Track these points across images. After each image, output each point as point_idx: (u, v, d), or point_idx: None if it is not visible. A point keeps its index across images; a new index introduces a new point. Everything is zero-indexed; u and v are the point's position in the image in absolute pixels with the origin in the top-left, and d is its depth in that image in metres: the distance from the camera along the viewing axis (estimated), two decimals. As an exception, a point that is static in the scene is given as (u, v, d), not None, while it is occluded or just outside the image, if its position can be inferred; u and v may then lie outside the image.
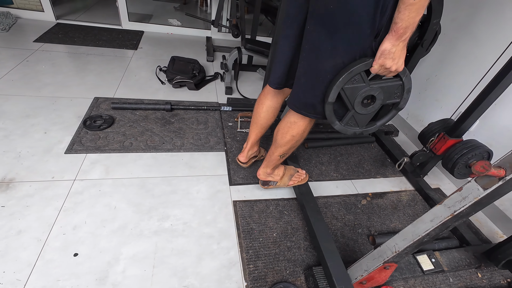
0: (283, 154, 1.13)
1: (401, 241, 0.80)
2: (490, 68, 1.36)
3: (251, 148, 1.34)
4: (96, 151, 1.36)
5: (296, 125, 1.00)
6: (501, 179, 0.59)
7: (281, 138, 1.06)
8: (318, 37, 0.78)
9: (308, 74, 0.87)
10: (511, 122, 1.33)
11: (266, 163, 1.22)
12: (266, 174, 1.26)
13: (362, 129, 0.93)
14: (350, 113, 0.87)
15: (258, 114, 1.20)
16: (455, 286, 1.10)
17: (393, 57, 0.72)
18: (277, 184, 1.29)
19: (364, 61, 0.75)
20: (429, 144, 1.41)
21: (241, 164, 1.38)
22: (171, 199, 1.19)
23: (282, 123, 1.05)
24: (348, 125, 0.91)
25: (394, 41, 0.69)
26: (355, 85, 0.80)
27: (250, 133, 1.29)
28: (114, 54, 2.29)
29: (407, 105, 1.97)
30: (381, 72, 0.76)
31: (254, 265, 1.03)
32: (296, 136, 1.03)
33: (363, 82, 0.79)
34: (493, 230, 1.38)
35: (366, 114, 0.88)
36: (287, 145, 1.07)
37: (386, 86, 0.82)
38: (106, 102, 1.71)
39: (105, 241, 0.99)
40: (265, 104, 1.17)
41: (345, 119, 0.89)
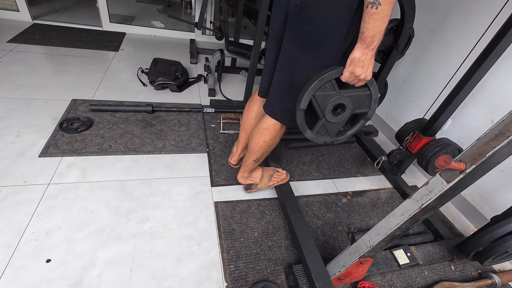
0: (257, 159, 1.18)
1: (375, 235, 0.83)
2: (457, 69, 1.43)
3: (242, 152, 1.37)
4: (73, 154, 1.32)
5: (268, 131, 1.06)
6: (462, 172, 0.63)
7: (254, 144, 1.11)
8: (294, 52, 0.85)
9: (282, 85, 0.93)
10: (479, 122, 1.41)
11: (243, 168, 1.27)
12: (244, 178, 1.30)
13: (332, 138, 0.94)
14: (321, 122, 0.88)
15: (247, 120, 1.24)
16: (430, 279, 1.14)
17: (362, 65, 0.75)
18: (258, 187, 1.31)
19: (334, 69, 0.78)
20: (405, 143, 1.47)
21: (233, 166, 1.42)
22: (151, 201, 1.17)
23: (255, 129, 1.11)
24: (319, 134, 0.91)
25: (363, 49, 0.72)
26: (326, 93, 0.81)
27: (240, 138, 1.33)
28: (94, 55, 2.24)
29: (386, 107, 2.04)
30: (350, 80, 0.79)
31: (235, 265, 1.03)
32: (268, 141, 1.08)
33: (334, 90, 0.81)
34: (466, 224, 1.45)
35: (336, 123, 0.89)
36: (260, 150, 1.12)
37: (355, 95, 0.85)
38: (85, 104, 1.67)
39: (81, 246, 0.96)
40: (254, 110, 1.21)
41: (316, 127, 0.90)
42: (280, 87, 0.95)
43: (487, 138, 0.59)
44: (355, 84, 0.81)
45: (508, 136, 0.56)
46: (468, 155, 0.62)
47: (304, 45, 0.82)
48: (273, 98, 1.00)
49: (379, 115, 2.11)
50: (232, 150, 1.44)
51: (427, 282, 1.13)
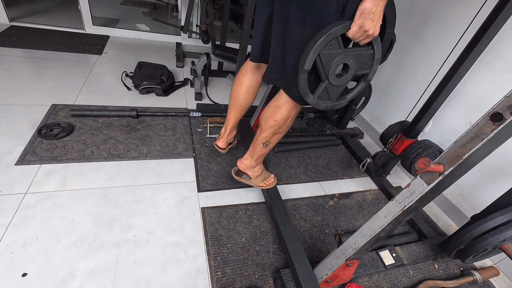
0: (266, 142, 1.08)
1: (360, 238, 0.84)
2: (436, 73, 1.48)
3: (231, 132, 1.30)
4: (52, 161, 1.27)
5: (280, 110, 0.98)
6: (441, 174, 0.64)
7: (265, 122, 1.04)
8: (288, 9, 0.78)
9: (280, 46, 0.88)
10: (458, 124, 1.46)
11: (250, 152, 1.16)
12: (249, 166, 1.19)
13: (333, 103, 0.91)
14: (324, 85, 0.83)
15: (237, 95, 1.17)
16: (415, 278, 1.16)
17: (372, 18, 0.70)
18: (250, 180, 1.24)
19: (341, 23, 0.72)
20: (389, 145, 1.50)
21: (219, 150, 1.34)
22: (135, 208, 1.14)
23: (267, 107, 1.04)
24: (320, 98, 0.87)
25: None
26: (331, 51, 0.76)
27: (229, 116, 1.24)
28: (76, 59, 2.18)
29: (370, 109, 2.09)
30: (358, 36, 0.74)
31: (222, 272, 1.01)
32: (279, 121, 1.00)
33: (339, 49, 0.76)
34: (448, 223, 1.49)
35: (338, 85, 0.85)
36: (270, 130, 1.03)
37: (359, 55, 0.80)
38: (65, 109, 1.61)
39: (60, 257, 0.92)
40: (244, 84, 1.15)
41: (317, 91, 0.85)
42: (277, 49, 0.89)
43: (463, 140, 0.61)
44: (361, 42, 0.76)
45: (482, 139, 0.58)
46: (446, 157, 0.64)
47: (300, 2, 0.75)
48: (271, 62, 0.94)
49: (364, 117, 2.16)
50: (220, 132, 1.33)
51: (412, 281, 1.15)
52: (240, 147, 1.64)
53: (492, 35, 1.08)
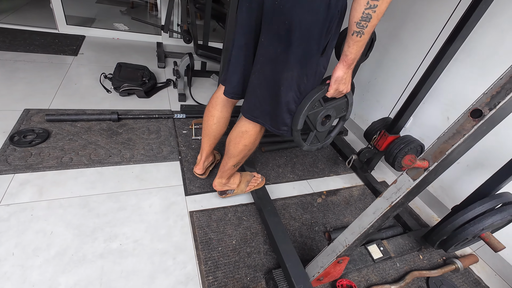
0: (237, 164, 1.14)
1: (350, 235, 0.85)
2: (416, 71, 1.54)
3: (206, 159, 1.33)
4: (27, 170, 1.19)
5: (248, 134, 1.03)
6: (426, 169, 0.66)
7: (233, 148, 1.07)
8: (275, 51, 0.83)
9: (263, 86, 0.90)
10: (436, 119, 1.52)
11: (221, 173, 1.21)
12: (222, 185, 1.25)
13: (322, 143, 1.08)
14: (313, 134, 1.00)
15: (209, 126, 1.19)
16: (402, 270, 1.20)
17: (344, 82, 0.85)
18: (234, 192, 1.29)
19: (321, 89, 0.87)
20: (373, 141, 1.54)
21: (199, 176, 1.36)
22: (119, 217, 1.09)
23: (233, 133, 1.06)
24: (312, 144, 1.04)
25: (345, 69, 0.81)
26: (316, 110, 0.92)
27: (203, 145, 1.27)
28: (50, 60, 2.06)
29: (354, 107, 2.13)
30: (334, 95, 0.89)
31: (214, 277, 1.00)
32: (249, 145, 1.05)
33: (321, 106, 0.92)
34: (430, 215, 1.55)
35: (324, 130, 1.02)
36: (240, 154, 1.08)
37: (337, 105, 0.97)
38: (40, 114, 1.52)
39: (38, 273, 0.87)
40: (215, 116, 1.16)
41: (309, 139, 1.02)
42: (260, 88, 0.91)
43: (446, 137, 0.63)
44: (336, 97, 0.91)
45: (463, 135, 0.60)
46: (430, 153, 0.66)
47: (286, 43, 0.79)
48: (252, 101, 0.95)
49: (348, 115, 2.20)
50: (197, 159, 1.36)
51: (399, 273, 1.18)
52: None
53: (466, 34, 1.13)
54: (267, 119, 0.96)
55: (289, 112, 0.92)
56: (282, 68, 0.84)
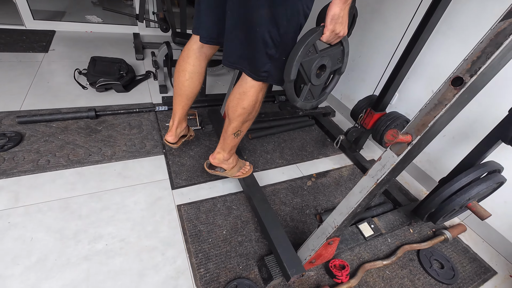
0: (237, 132, 1.03)
1: (338, 215, 0.84)
2: (397, 45, 1.51)
3: (179, 125, 1.18)
4: (1, 176, 1.13)
5: (246, 95, 0.93)
6: (409, 144, 0.64)
7: (232, 112, 0.97)
8: None
9: (238, 27, 0.83)
10: (421, 93, 1.51)
11: (222, 145, 1.10)
12: (222, 159, 1.13)
13: (317, 100, 0.99)
14: (307, 87, 0.91)
15: (180, 83, 1.06)
16: (393, 245, 1.22)
17: (341, 22, 0.75)
18: (224, 172, 1.19)
19: (315, 31, 0.78)
20: (360, 120, 1.53)
21: (170, 145, 1.21)
22: (103, 217, 1.05)
23: (231, 96, 0.97)
24: (306, 100, 0.95)
25: (342, 4, 0.72)
26: (310, 58, 0.83)
27: (175, 107, 1.13)
28: (18, 59, 1.94)
29: (340, 87, 2.10)
30: (330, 39, 0.80)
31: (205, 268, 0.98)
32: (248, 108, 0.95)
33: (316, 53, 0.83)
34: (419, 189, 1.57)
35: (319, 84, 0.93)
36: (239, 118, 0.98)
37: (333, 53, 0.88)
38: (10, 117, 1.44)
39: (19, 281, 0.83)
40: (187, 70, 1.04)
41: (303, 94, 0.92)
42: (235, 30, 0.83)
43: (427, 108, 0.61)
44: (332, 42, 0.82)
45: (445, 105, 0.58)
46: (413, 127, 0.64)
47: None
48: (229, 45, 0.87)
49: (334, 95, 2.17)
50: (168, 124, 1.22)
51: (390, 248, 1.20)
52: (213, 138, 1.58)
53: (445, 4, 1.10)
54: (245, 64, 0.88)
55: (268, 57, 0.83)
56: (257, 5, 0.75)
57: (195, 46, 1.04)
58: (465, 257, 1.23)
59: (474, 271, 1.18)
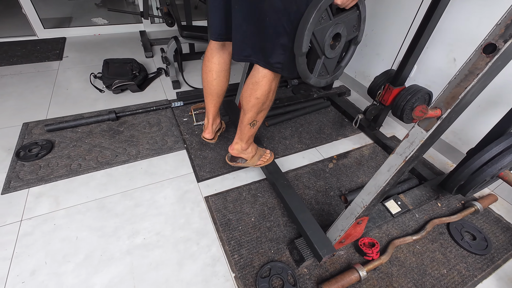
0: (253, 122, 1.04)
1: (366, 195, 0.84)
2: (415, 14, 1.43)
3: (214, 121, 1.25)
4: (40, 182, 1.21)
5: (259, 85, 0.93)
6: (439, 118, 0.63)
7: (246, 103, 0.99)
8: None
9: (248, 19, 0.81)
10: (441, 62, 1.44)
11: (239, 136, 1.12)
12: (241, 150, 1.16)
13: (331, 76, 0.90)
14: (321, 61, 0.82)
15: (209, 83, 1.11)
16: (421, 220, 1.21)
17: None
18: (246, 163, 1.22)
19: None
20: (378, 97, 1.49)
21: (208, 141, 1.31)
22: (137, 213, 1.11)
23: (245, 86, 0.98)
24: (320, 76, 0.86)
25: None
26: (323, 25, 0.73)
27: (207, 106, 1.19)
28: (36, 69, 2.01)
29: (353, 64, 2.04)
30: (346, 2, 0.72)
31: (239, 254, 1.03)
32: (261, 97, 0.95)
33: (330, 20, 0.74)
34: (444, 162, 1.53)
35: (334, 57, 0.84)
36: (253, 109, 0.99)
37: (348, 19, 0.78)
38: (39, 126, 1.51)
39: (73, 277, 0.91)
40: (213, 70, 1.08)
41: (316, 70, 0.83)
42: (245, 23, 0.82)
43: (457, 80, 0.59)
44: (347, 6, 0.74)
45: (477, 74, 0.56)
46: (442, 100, 0.62)
47: None
48: (240, 38, 0.87)
49: (348, 74, 2.12)
50: (204, 123, 1.30)
51: (419, 223, 1.19)
52: (231, 129, 1.60)
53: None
54: (259, 55, 0.86)
55: (281, 47, 0.81)
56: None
57: (216, 45, 1.05)
58: (498, 227, 1.21)
59: (509, 240, 1.16)
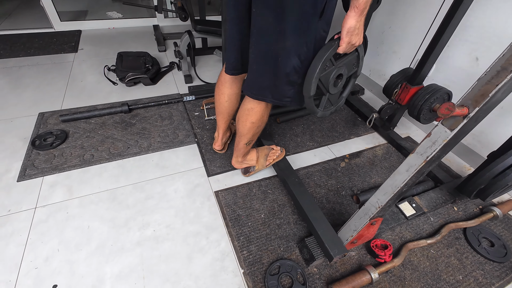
0: (249, 142, 1.12)
1: (382, 195, 0.82)
2: (438, 11, 1.38)
3: (224, 135, 1.34)
4: (54, 171, 1.23)
5: (254, 111, 0.99)
6: (465, 117, 0.60)
7: (242, 127, 1.05)
8: (266, 21, 0.76)
9: (259, 60, 0.86)
10: (462, 61, 1.38)
11: (236, 152, 1.21)
12: (239, 163, 1.25)
13: (335, 106, 1.01)
14: (325, 97, 0.93)
15: (221, 104, 1.17)
16: (436, 224, 1.17)
17: (357, 33, 0.75)
18: (256, 169, 1.28)
19: (331, 45, 0.77)
20: (394, 96, 1.44)
21: (218, 151, 1.38)
22: (148, 205, 1.12)
23: (240, 111, 1.04)
24: (325, 109, 0.97)
25: (357, 17, 0.71)
26: (328, 71, 0.83)
27: (218, 122, 1.27)
28: (52, 61, 2.05)
29: (368, 62, 1.99)
30: (346, 50, 0.79)
31: (248, 251, 1.02)
32: (256, 122, 1.02)
33: (333, 65, 0.83)
34: (461, 165, 1.48)
35: (337, 92, 0.94)
36: (249, 132, 1.06)
37: (348, 61, 0.88)
38: (54, 116, 1.54)
39: (84, 265, 0.92)
40: (225, 93, 1.13)
41: (322, 104, 0.94)
42: (256, 63, 0.87)
43: (488, 76, 0.56)
44: (348, 52, 0.81)
45: (511, 71, 0.52)
46: (470, 98, 0.59)
47: (277, 11, 0.73)
48: (251, 77, 0.92)
49: (362, 72, 2.07)
50: (214, 136, 1.39)
51: (434, 227, 1.16)
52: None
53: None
54: (267, 93, 0.92)
55: (290, 84, 0.87)
56: (277, 38, 0.78)
57: None
58: (518, 234, 1.16)
59: (529, 248, 1.11)
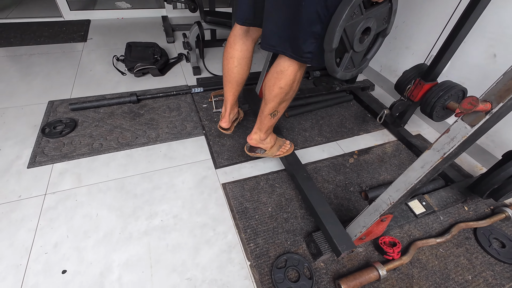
0: (274, 112, 1.00)
1: (394, 192, 0.80)
2: (456, 7, 1.33)
3: (232, 111, 1.22)
4: (63, 159, 1.24)
5: (284, 75, 0.89)
6: (488, 113, 0.57)
7: (268, 92, 0.95)
8: None
9: (280, 6, 0.78)
10: (479, 58, 1.34)
11: (258, 126, 1.09)
12: (259, 140, 1.13)
13: (357, 68, 0.88)
14: (348, 55, 0.80)
15: (229, 70, 1.06)
16: (446, 223, 1.15)
17: None
18: (265, 153, 1.19)
19: None
20: (407, 92, 1.41)
21: (224, 132, 1.27)
22: (155, 195, 1.12)
23: (268, 75, 0.93)
24: (346, 69, 0.85)
25: None
26: (354, 21, 0.71)
27: (226, 94, 1.15)
28: (61, 50, 2.05)
29: (379, 58, 1.95)
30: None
31: (255, 243, 1.02)
32: (285, 87, 0.91)
33: (361, 15, 0.72)
34: (473, 164, 1.45)
35: (362, 50, 0.82)
36: (275, 99, 0.95)
37: (379, 13, 0.76)
38: (63, 105, 1.54)
39: (93, 252, 0.93)
40: (235, 56, 1.03)
41: (343, 63, 0.82)
42: (276, 10, 0.78)
43: (515, 70, 0.53)
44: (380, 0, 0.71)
45: (540, 64, 0.50)
46: (493, 93, 0.57)
47: None
48: (269, 27, 0.83)
49: (373, 68, 2.03)
50: (221, 112, 1.25)
51: (443, 226, 1.14)
52: (250, 118, 1.57)
53: None
54: (287, 45, 0.82)
55: (313, 36, 0.77)
56: None
57: (240, 31, 1.01)
58: (530, 236, 1.13)
59: (541, 251, 1.08)
